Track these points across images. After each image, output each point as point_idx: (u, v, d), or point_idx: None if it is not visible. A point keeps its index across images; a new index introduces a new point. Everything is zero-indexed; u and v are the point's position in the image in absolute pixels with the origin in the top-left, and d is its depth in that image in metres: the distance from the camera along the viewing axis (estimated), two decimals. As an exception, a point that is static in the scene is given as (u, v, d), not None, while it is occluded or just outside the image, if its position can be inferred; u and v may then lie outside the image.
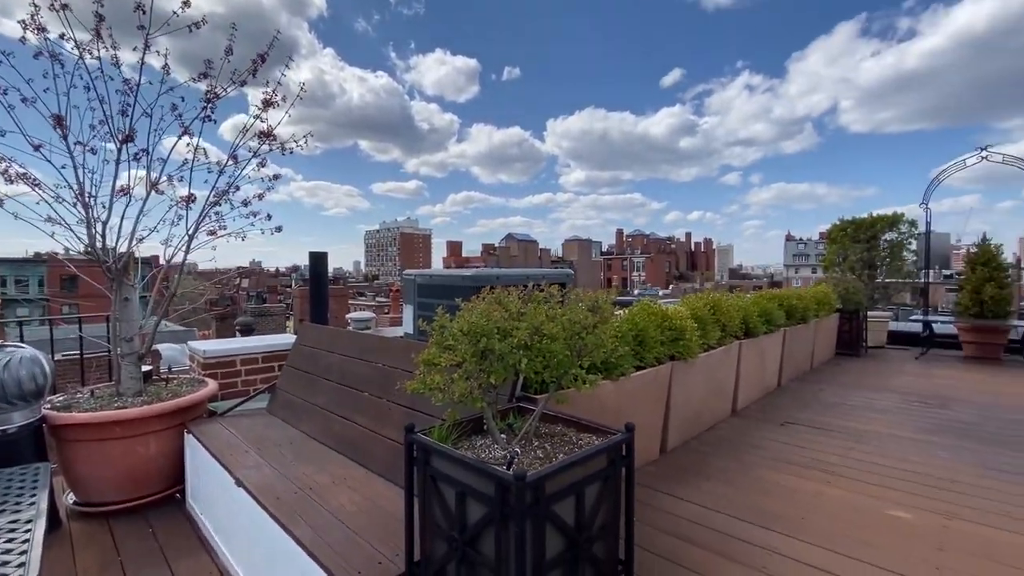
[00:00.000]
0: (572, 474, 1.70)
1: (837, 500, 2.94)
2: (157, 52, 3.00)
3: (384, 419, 2.99)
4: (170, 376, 3.65)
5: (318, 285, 5.27)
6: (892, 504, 2.88)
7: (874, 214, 9.97)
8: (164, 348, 5.45)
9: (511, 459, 1.69)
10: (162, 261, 3.49)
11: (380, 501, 2.46)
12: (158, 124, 3.12)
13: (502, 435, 2.00)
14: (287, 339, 4.82)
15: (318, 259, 5.28)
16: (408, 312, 3.91)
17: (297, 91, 3.45)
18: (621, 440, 1.90)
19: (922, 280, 9.77)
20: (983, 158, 8.50)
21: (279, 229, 3.87)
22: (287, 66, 3.23)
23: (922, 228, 9.25)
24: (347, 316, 9.74)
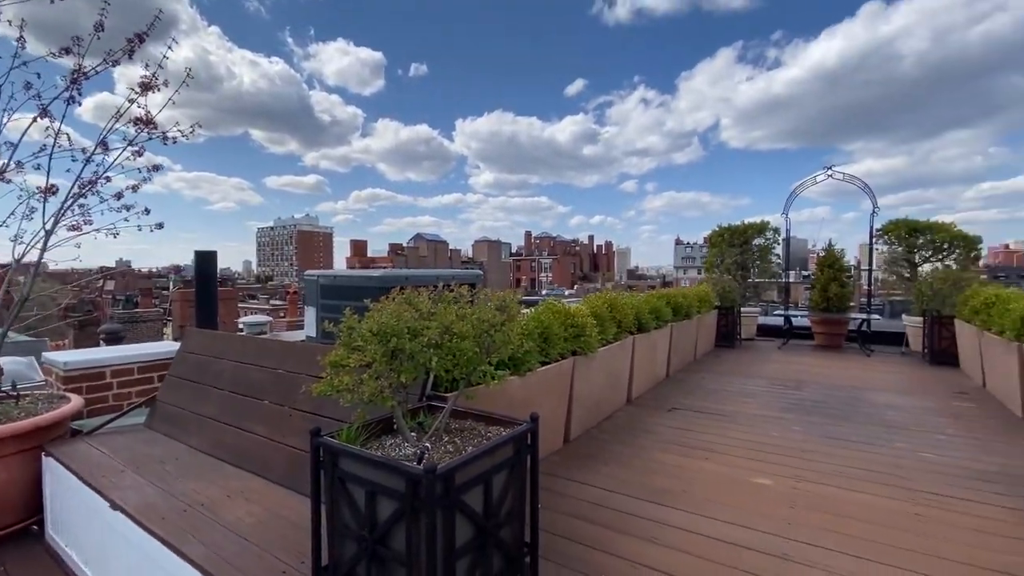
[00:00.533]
0: (480, 464, 1.78)
1: (713, 473, 3.34)
2: (9, 22, 2.59)
3: (285, 426, 2.86)
4: (21, 393, 3.16)
5: (206, 287, 4.84)
6: (757, 473, 3.34)
7: (746, 222, 11.28)
8: (6, 362, 4.68)
9: (421, 454, 1.74)
10: (9, 260, 3.01)
11: (282, 511, 2.36)
12: (7, 103, 2.69)
13: (412, 433, 2.03)
14: (168, 347, 4.38)
15: (206, 259, 4.84)
16: (310, 314, 3.75)
17: (178, 72, 3.15)
18: (526, 429, 2.02)
19: (784, 280, 11.25)
20: (829, 176, 10.02)
21: (160, 225, 3.52)
22: (170, 47, 2.95)
23: (784, 234, 10.67)
24: (239, 320, 9.00)
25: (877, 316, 10.15)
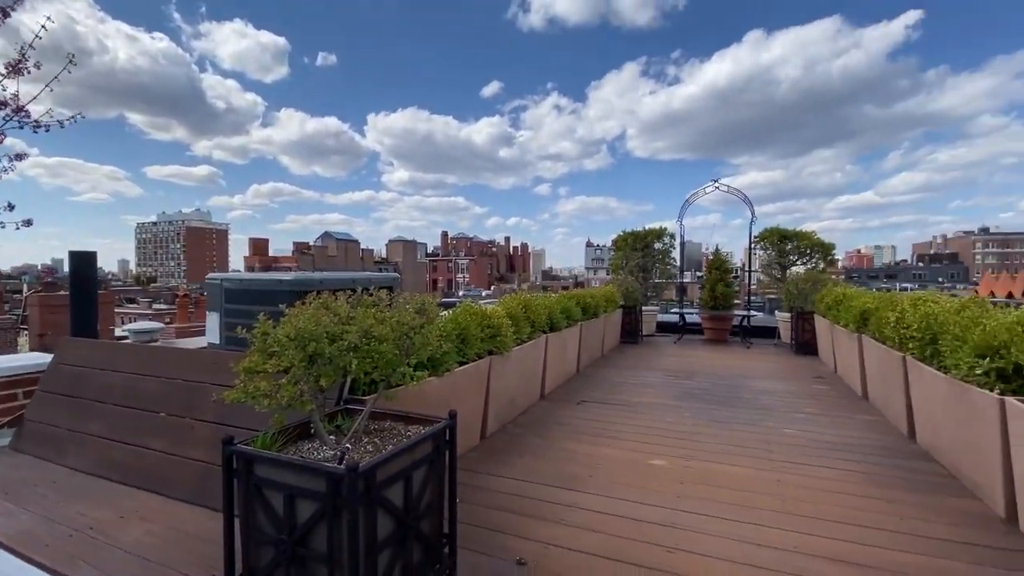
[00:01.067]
0: (401, 461, 1.86)
1: (616, 458, 3.66)
2: None
3: (186, 440, 2.71)
4: None
5: (83, 291, 4.34)
6: (653, 456, 3.71)
7: (646, 227, 12.21)
8: None
9: (342, 455, 1.78)
10: None
11: (186, 527, 2.26)
12: None
13: (331, 436, 2.05)
14: (35, 359, 3.89)
15: (84, 260, 4.33)
16: (213, 320, 3.54)
17: (40, 44, 2.80)
18: (445, 426, 2.13)
19: (679, 281, 12.33)
20: (716, 188, 11.16)
21: (28, 223, 3.14)
22: (43, 27, 2.65)
23: (680, 239, 11.71)
24: (120, 328, 8.08)
25: (758, 313, 11.50)
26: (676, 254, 12.27)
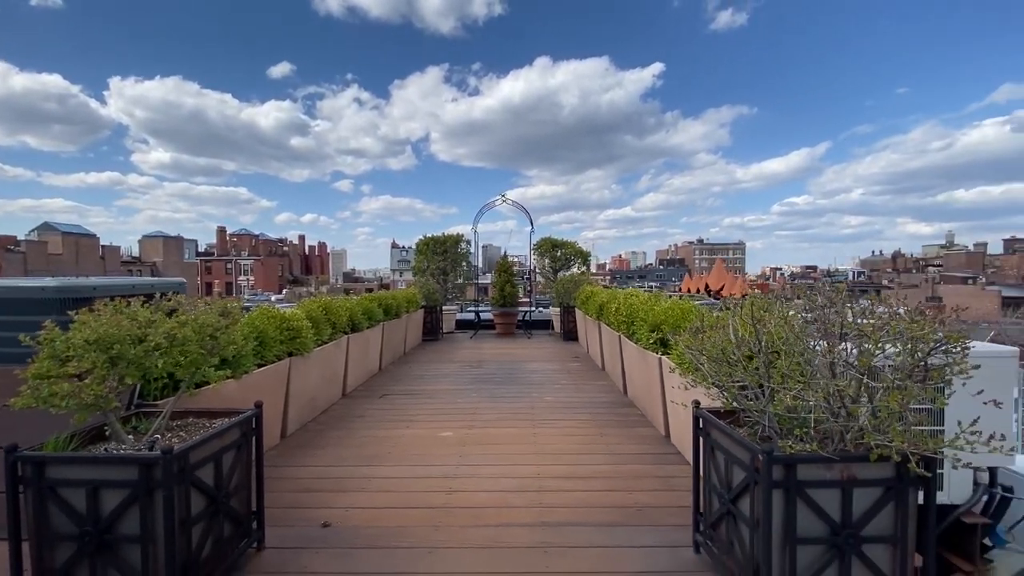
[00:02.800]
0: (211, 446, 2.11)
1: (412, 436, 4.26)
2: None
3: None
4: None
5: None
6: (443, 429, 4.42)
7: (446, 233, 13.17)
8: None
9: (152, 443, 1.95)
10: None
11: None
12: None
13: (130, 435, 2.15)
14: None
15: None
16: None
17: None
18: (251, 415, 2.42)
19: (475, 282, 13.64)
20: (503, 201, 12.72)
21: None
22: None
23: (481, 243, 12.99)
24: None
25: (543, 309, 13.47)
26: (479, 257, 13.51)
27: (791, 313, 2.04)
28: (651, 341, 4.38)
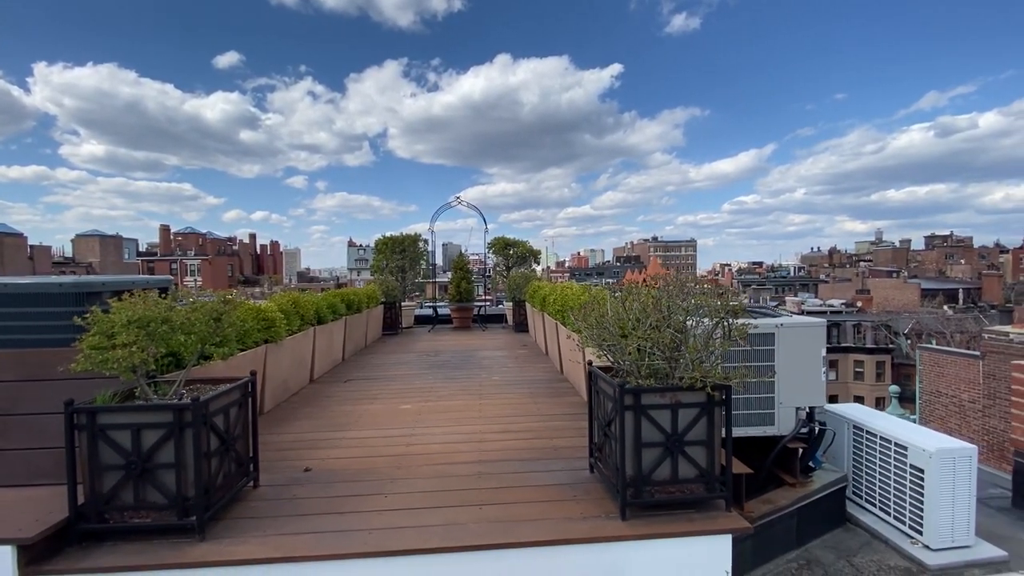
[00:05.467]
0: (222, 400, 2.78)
1: (376, 409, 4.96)
2: None
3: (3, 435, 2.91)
4: None
5: None
6: (403, 404, 5.14)
7: (404, 232, 13.76)
8: None
9: (180, 396, 2.61)
10: None
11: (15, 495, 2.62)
12: None
13: (154, 396, 2.79)
14: None
15: None
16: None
17: None
18: (248, 380, 3.10)
19: (433, 279, 14.30)
20: (458, 203, 13.43)
21: None
22: None
23: (438, 241, 13.66)
24: None
25: (502, 303, 14.27)
26: (439, 255, 14.15)
27: (645, 293, 2.92)
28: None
